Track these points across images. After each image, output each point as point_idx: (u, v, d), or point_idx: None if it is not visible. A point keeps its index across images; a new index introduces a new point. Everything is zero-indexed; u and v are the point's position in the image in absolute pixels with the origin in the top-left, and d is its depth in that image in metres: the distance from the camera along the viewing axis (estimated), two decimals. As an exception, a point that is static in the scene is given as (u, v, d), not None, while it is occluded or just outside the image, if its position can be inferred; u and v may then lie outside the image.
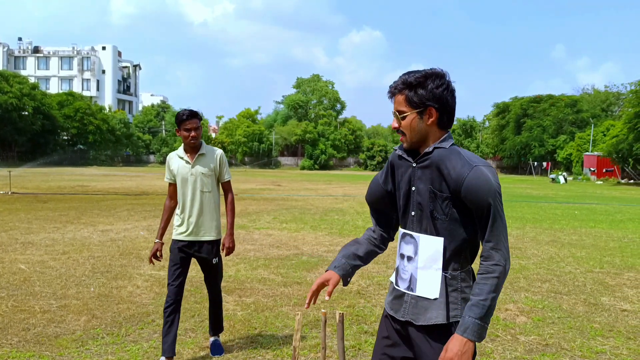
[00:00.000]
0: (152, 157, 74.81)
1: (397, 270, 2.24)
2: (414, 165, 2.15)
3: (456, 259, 2.11)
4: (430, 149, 2.11)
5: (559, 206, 18.84)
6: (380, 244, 2.40)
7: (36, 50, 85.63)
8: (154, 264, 4.31)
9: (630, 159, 40.91)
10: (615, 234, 11.65)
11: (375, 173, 62.23)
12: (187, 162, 4.09)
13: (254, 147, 73.12)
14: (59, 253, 8.16)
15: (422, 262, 2.13)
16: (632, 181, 42.48)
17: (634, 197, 24.83)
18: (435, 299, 2.10)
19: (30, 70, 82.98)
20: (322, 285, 2.26)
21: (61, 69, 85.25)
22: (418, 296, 2.14)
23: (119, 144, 70.01)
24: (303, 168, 71.19)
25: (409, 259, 2.17)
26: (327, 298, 2.22)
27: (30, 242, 9.09)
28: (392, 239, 2.42)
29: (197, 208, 4.07)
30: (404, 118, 2.11)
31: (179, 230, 4.12)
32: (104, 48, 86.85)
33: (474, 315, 1.96)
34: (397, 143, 74.60)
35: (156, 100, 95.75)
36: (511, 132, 65.30)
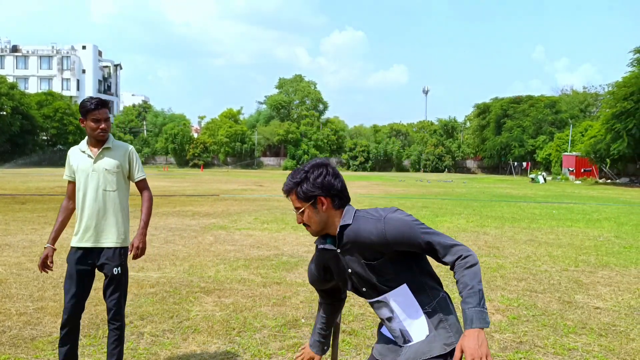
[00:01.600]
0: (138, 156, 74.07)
1: (385, 327, 2.39)
2: (338, 251, 2.28)
3: (424, 294, 2.25)
4: (339, 230, 2.24)
5: (538, 206, 19.09)
6: (339, 303, 2.65)
7: (15, 49, 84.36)
8: (46, 272, 3.62)
9: (607, 159, 41.57)
10: (592, 232, 11.86)
11: (358, 173, 61.96)
12: (89, 156, 3.54)
13: (237, 147, 72.93)
14: (36, 255, 8.08)
15: (402, 315, 2.26)
16: (609, 181, 43.16)
17: (610, 197, 25.26)
18: (428, 336, 2.22)
19: (8, 69, 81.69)
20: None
21: (40, 69, 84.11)
22: (415, 343, 2.26)
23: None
24: (286, 168, 71.14)
25: (389, 319, 2.30)
26: None
27: (7, 244, 8.99)
28: (343, 298, 2.66)
29: (98, 209, 3.51)
30: (302, 213, 2.27)
31: (77, 236, 3.54)
32: (84, 47, 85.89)
33: (472, 305, 2.06)
34: (379, 143, 74.89)
35: (137, 100, 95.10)
36: (492, 132, 65.95)
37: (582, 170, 46.75)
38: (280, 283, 6.67)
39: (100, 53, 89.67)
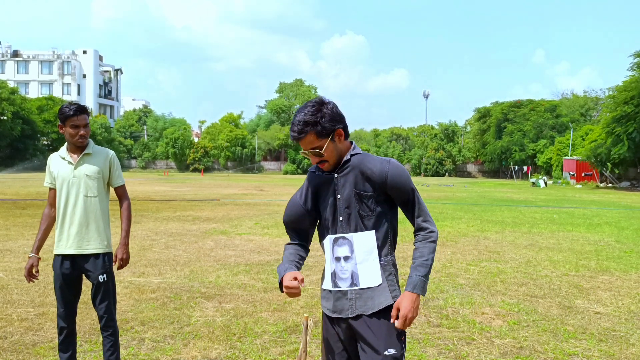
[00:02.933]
0: (133, 162, 74.27)
1: (332, 274, 2.43)
2: (335, 175, 2.40)
3: (385, 247, 2.41)
4: (348, 156, 2.39)
5: (539, 210, 19.10)
6: (303, 253, 2.61)
7: (15, 54, 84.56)
8: (33, 281, 3.62)
9: (608, 163, 41.55)
10: (592, 237, 11.86)
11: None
12: (69, 162, 3.52)
13: (237, 151, 72.99)
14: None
15: (360, 257, 2.38)
16: (610, 185, 43.15)
17: (611, 201, 25.25)
18: (380, 285, 2.37)
19: (9, 74, 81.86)
20: (295, 279, 2.35)
21: (41, 73, 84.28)
22: (362, 289, 2.37)
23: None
24: (286, 173, 71.21)
25: (346, 258, 2.40)
26: (303, 285, 2.35)
27: (8, 249, 9.01)
28: (308, 249, 2.65)
29: (79, 215, 3.49)
30: (321, 153, 2.34)
31: (60, 243, 3.53)
32: (84, 52, 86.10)
33: (420, 273, 2.32)
34: (379, 147, 74.92)
35: (138, 105, 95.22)
36: (492, 136, 65.98)
37: (583, 174, 46.78)
38: (280, 288, 6.66)
39: (101, 58, 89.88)
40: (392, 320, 2.30)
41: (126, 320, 5.26)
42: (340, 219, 2.40)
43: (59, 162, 3.56)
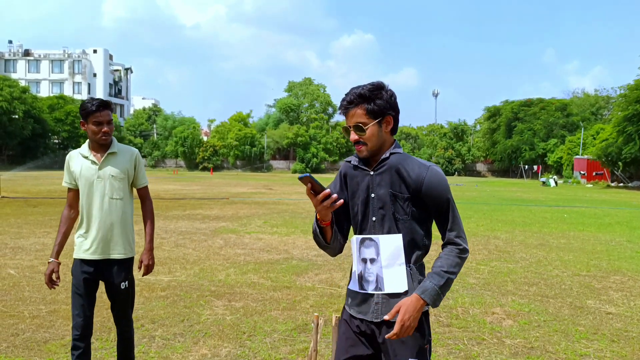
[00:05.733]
0: (143, 161, 74.55)
1: (359, 276, 2.33)
2: (372, 173, 2.29)
3: (416, 253, 2.28)
4: (387, 154, 2.26)
5: (549, 209, 18.98)
6: (340, 247, 2.46)
7: (27, 53, 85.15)
8: (54, 288, 3.49)
9: (619, 163, 41.21)
10: (603, 237, 11.77)
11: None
12: (93, 162, 3.32)
13: (246, 150, 73.04)
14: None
15: (385, 260, 2.26)
16: (621, 184, 42.80)
17: (622, 200, 25.05)
18: (406, 292, 2.23)
19: (20, 73, 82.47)
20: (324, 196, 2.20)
21: (52, 72, 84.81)
22: (389, 294, 2.26)
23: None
24: (295, 172, 71.18)
25: (372, 261, 2.29)
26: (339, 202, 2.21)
27: (20, 247, 9.08)
28: (344, 245, 2.48)
29: (105, 219, 3.31)
30: (365, 129, 2.21)
31: (82, 248, 3.36)
32: (95, 51, 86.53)
33: (435, 282, 2.16)
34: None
35: (148, 104, 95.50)
36: (502, 135, 65.64)
37: (594, 173, 46.45)
38: (290, 287, 6.68)
39: (111, 57, 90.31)
40: (386, 317, 2.16)
41: (137, 318, 5.28)
42: (373, 218, 2.29)
43: (81, 161, 3.35)
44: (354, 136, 2.25)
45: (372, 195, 2.29)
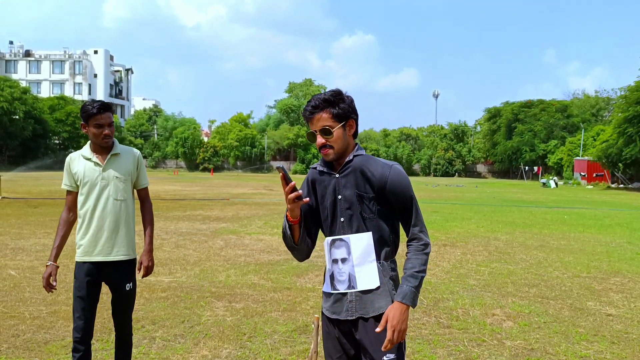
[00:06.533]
0: (143, 162, 74.58)
1: (331, 277, 2.42)
2: (337, 175, 2.37)
3: (385, 250, 2.37)
4: (351, 157, 2.36)
5: (549, 211, 18.98)
6: (307, 252, 2.55)
7: (27, 54, 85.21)
8: (52, 292, 3.43)
9: (620, 164, 41.23)
10: (604, 238, 11.77)
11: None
12: (96, 163, 3.30)
13: (246, 151, 73.11)
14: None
15: (357, 259, 2.35)
16: (621, 186, 42.80)
17: (623, 202, 25.05)
18: (378, 288, 2.33)
19: (21, 74, 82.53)
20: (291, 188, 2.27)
21: (53, 73, 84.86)
22: (361, 291, 2.34)
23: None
24: (295, 172, 71.22)
25: (344, 260, 2.37)
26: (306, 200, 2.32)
27: (21, 248, 9.08)
28: (311, 250, 2.56)
29: (110, 220, 3.31)
30: (332, 132, 2.30)
31: (86, 250, 3.32)
32: (95, 52, 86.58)
33: (411, 284, 2.26)
34: (389, 147, 74.76)
35: (148, 105, 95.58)
36: (502, 136, 65.67)
37: (594, 175, 46.45)
38: (290, 288, 6.68)
39: (111, 57, 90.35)
40: (378, 329, 2.23)
41: (137, 319, 5.28)
42: (342, 219, 2.37)
43: (83, 163, 3.33)
44: (320, 140, 2.32)
45: (339, 196, 2.37)
